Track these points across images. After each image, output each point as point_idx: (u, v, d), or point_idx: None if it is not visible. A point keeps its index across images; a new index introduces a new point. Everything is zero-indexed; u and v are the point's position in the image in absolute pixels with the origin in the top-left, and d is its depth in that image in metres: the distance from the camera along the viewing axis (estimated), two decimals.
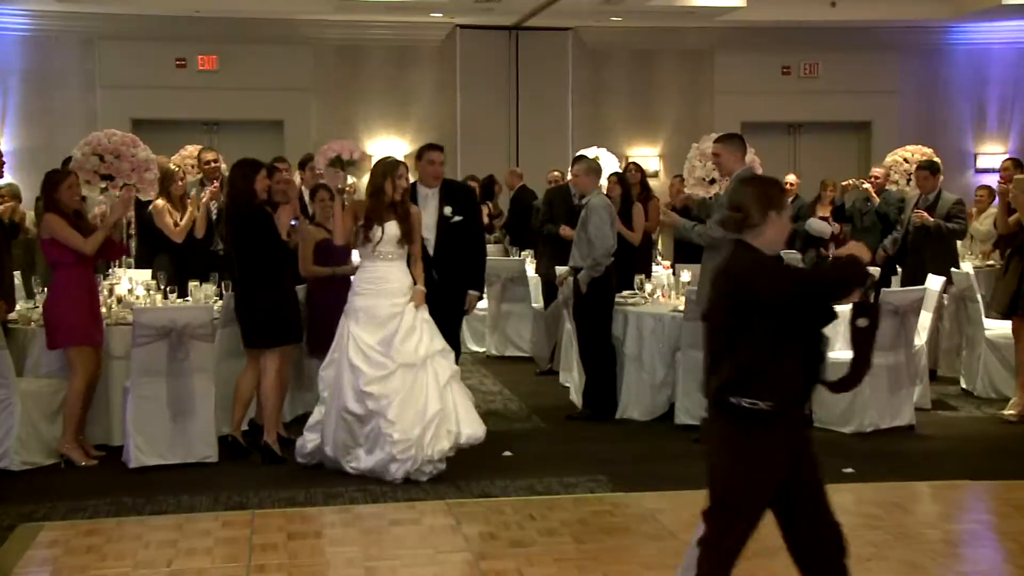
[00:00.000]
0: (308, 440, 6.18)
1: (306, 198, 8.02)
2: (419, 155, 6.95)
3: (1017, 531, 5.21)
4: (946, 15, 14.01)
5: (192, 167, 8.89)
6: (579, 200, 7.90)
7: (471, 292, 6.95)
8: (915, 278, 8.46)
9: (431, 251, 6.73)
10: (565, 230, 8.41)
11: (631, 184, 9.28)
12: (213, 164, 8.49)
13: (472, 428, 6.07)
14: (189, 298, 7.04)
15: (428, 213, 6.71)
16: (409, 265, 6.16)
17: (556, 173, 11.13)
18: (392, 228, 6.03)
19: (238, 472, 6.25)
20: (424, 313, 6.07)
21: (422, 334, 6.00)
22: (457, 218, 6.82)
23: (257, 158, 7.30)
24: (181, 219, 7.81)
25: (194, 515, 5.48)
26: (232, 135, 13.46)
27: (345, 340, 5.99)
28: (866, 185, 9.90)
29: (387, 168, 6.12)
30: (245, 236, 6.42)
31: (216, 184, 8.01)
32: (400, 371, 5.89)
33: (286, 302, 6.54)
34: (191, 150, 9.27)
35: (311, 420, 6.22)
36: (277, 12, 13.28)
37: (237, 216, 6.48)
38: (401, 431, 5.84)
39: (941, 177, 9.21)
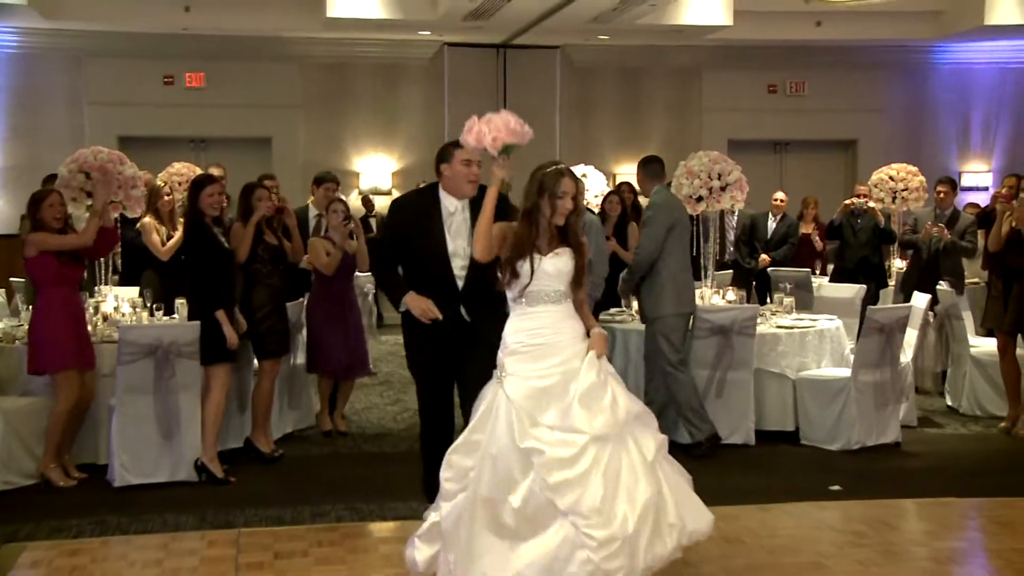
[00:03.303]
0: (419, 550, 4.46)
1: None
2: (442, 155, 5.10)
3: (1004, 548, 5.22)
4: (930, 34, 14.12)
5: (179, 184, 8.88)
6: None
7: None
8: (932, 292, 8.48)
9: (460, 284, 5.11)
10: None
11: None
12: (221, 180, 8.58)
13: (697, 520, 4.27)
14: (176, 315, 7.01)
15: (459, 235, 5.09)
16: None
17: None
18: (561, 262, 4.40)
19: (224, 490, 6.23)
20: (608, 365, 4.40)
21: (615, 393, 4.28)
22: None
23: (250, 176, 7.38)
24: (170, 235, 7.81)
25: (180, 534, 5.44)
26: (220, 152, 13.44)
27: (502, 414, 4.22)
28: (871, 204, 9.95)
29: (543, 182, 4.46)
30: (187, 251, 6.54)
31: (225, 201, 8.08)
32: (592, 446, 4.14)
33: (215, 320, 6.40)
34: (178, 167, 9.26)
35: (428, 527, 4.44)
36: (265, 30, 13.30)
37: (189, 232, 6.60)
38: (605, 529, 4.04)
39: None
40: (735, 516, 5.63)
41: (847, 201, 10.28)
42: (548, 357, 4.27)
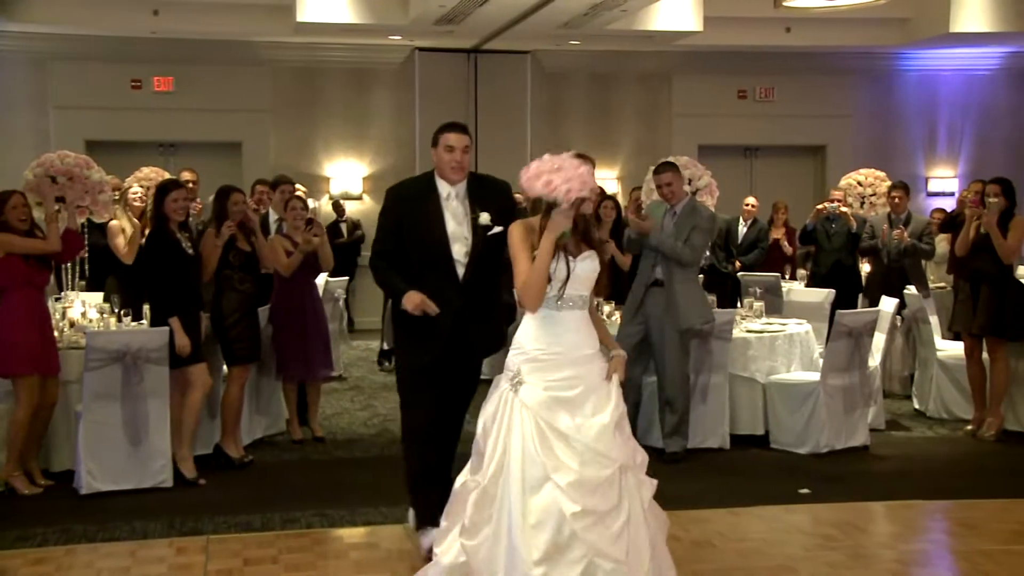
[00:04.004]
0: None
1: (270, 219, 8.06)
2: (433, 140, 4.95)
3: (969, 550, 5.27)
4: (897, 41, 14.24)
5: (148, 189, 8.82)
6: None
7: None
8: (898, 295, 8.56)
9: (460, 276, 4.87)
10: None
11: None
12: (192, 185, 8.60)
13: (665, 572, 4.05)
14: (144, 321, 6.96)
15: (455, 218, 4.89)
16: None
17: (518, 196, 11.07)
18: (590, 265, 4.09)
19: (193, 497, 6.18)
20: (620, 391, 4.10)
21: (625, 423, 4.04)
22: (497, 229, 4.81)
23: (220, 180, 7.34)
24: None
25: (147, 541, 5.40)
26: (189, 156, 13.34)
27: (516, 424, 3.89)
28: (844, 209, 10.00)
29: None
30: (146, 256, 6.54)
31: (198, 204, 8.06)
32: (619, 477, 3.89)
33: (187, 324, 6.41)
34: (147, 171, 9.21)
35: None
36: (234, 34, 13.22)
37: (150, 238, 6.60)
38: None
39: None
40: (706, 520, 5.66)
41: (819, 206, 10.34)
42: (567, 367, 3.94)
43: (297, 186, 10.10)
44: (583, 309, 4.06)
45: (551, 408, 3.87)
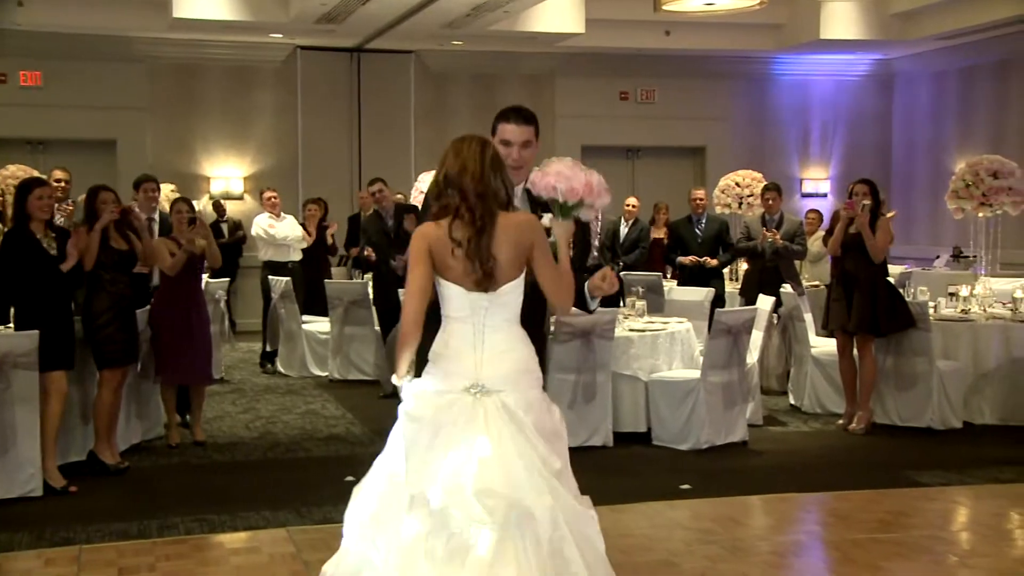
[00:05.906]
0: None
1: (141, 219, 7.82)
2: (492, 128, 4.13)
3: (840, 540, 5.45)
4: (771, 46, 14.67)
5: (13, 188, 8.48)
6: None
7: None
8: (774, 294, 8.77)
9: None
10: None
11: None
12: (65, 184, 8.29)
13: None
14: (11, 324, 6.69)
15: None
16: None
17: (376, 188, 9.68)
18: None
19: (65, 506, 5.97)
20: None
21: None
22: (553, 237, 3.76)
23: (93, 179, 7.10)
24: None
25: (14, 553, 5.18)
26: (60, 154, 12.89)
27: None
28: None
29: (484, 155, 3.50)
30: (2, 256, 6.27)
31: (70, 205, 7.78)
32: None
33: (52, 328, 6.19)
34: (13, 169, 8.87)
35: None
36: (106, 28, 12.82)
37: (6, 237, 6.35)
38: None
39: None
40: None
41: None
42: None
43: (170, 185, 9.83)
44: None
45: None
